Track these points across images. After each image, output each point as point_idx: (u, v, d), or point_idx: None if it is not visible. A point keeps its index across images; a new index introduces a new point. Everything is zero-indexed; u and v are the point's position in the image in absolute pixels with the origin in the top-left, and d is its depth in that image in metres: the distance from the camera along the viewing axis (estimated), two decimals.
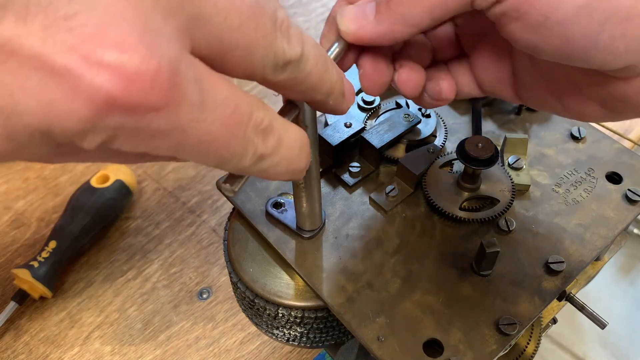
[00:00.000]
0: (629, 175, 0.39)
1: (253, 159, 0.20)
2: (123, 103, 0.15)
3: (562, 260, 0.34)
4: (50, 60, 0.15)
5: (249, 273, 0.35)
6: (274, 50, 0.20)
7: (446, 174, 0.37)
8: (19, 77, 0.15)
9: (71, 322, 0.51)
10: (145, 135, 0.17)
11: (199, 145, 0.18)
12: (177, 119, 0.17)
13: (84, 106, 0.15)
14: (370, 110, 0.42)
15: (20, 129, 0.16)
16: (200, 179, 0.61)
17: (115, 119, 0.16)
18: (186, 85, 0.17)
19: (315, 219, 0.35)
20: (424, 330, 0.32)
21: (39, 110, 0.15)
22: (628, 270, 1.29)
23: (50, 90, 0.15)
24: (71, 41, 0.15)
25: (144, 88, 0.15)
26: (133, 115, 0.16)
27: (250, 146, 0.20)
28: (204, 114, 0.17)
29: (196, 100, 0.17)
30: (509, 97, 0.32)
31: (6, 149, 0.16)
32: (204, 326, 0.50)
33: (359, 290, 0.33)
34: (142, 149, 0.18)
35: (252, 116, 0.19)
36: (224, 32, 0.18)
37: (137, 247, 0.56)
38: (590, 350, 1.18)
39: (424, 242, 0.36)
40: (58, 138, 0.16)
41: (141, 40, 0.15)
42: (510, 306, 0.33)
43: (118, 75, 0.15)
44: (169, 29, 0.16)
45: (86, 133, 0.16)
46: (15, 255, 0.55)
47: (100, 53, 0.15)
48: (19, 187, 0.60)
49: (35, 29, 0.15)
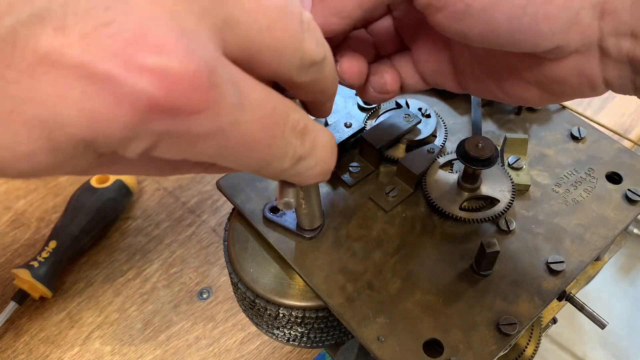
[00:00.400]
0: (629, 175, 0.39)
1: (292, 161, 0.20)
2: (166, 106, 0.15)
3: (562, 260, 0.34)
4: (92, 68, 0.15)
5: (249, 273, 0.35)
6: (301, 51, 0.20)
7: (446, 174, 0.37)
8: (61, 88, 0.15)
9: (71, 322, 0.51)
10: (188, 140, 0.17)
11: (240, 147, 0.18)
12: (218, 121, 0.17)
13: (128, 112, 0.15)
14: (370, 110, 0.42)
15: (64, 141, 0.15)
16: (200, 179, 0.61)
17: (158, 124, 0.16)
18: (224, 87, 0.17)
19: (315, 219, 0.35)
20: (424, 330, 0.32)
21: (83, 119, 0.15)
22: (628, 270, 1.29)
23: (93, 98, 0.15)
24: (112, 48, 0.15)
25: (185, 90, 0.15)
26: (176, 119, 0.16)
27: (289, 148, 0.20)
28: (243, 115, 0.17)
29: (235, 101, 0.17)
30: (451, 87, 0.32)
31: (50, 162, 0.16)
32: (204, 326, 0.50)
33: (359, 290, 0.33)
34: (184, 155, 0.18)
35: (288, 117, 0.20)
36: (254, 33, 0.18)
37: (137, 247, 0.56)
38: (590, 350, 1.18)
39: (424, 242, 0.36)
40: (102, 147, 0.16)
41: (179, 43, 0.15)
42: (510, 306, 0.33)
43: (160, 79, 0.15)
44: (203, 32, 0.16)
45: (130, 140, 0.16)
46: (15, 255, 0.55)
47: (141, 57, 0.15)
48: (19, 187, 0.60)
49: (75, 38, 0.15)
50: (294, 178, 0.22)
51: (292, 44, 0.19)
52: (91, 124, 0.15)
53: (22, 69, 0.15)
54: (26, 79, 0.15)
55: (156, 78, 0.15)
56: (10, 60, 0.15)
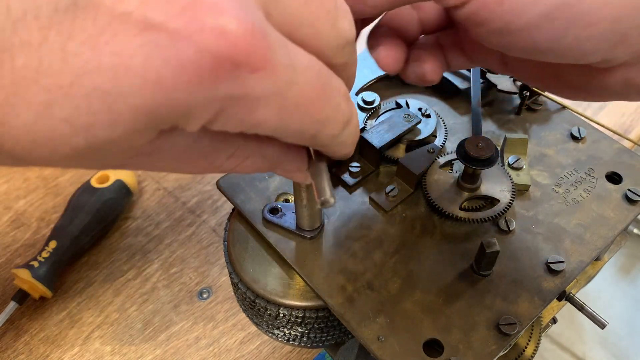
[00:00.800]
0: (629, 175, 0.39)
1: (342, 125, 0.21)
2: (227, 65, 0.16)
3: (562, 260, 0.34)
4: (156, 28, 0.15)
5: (249, 273, 0.35)
6: (337, 29, 0.20)
7: (446, 174, 0.37)
8: (124, 57, 0.15)
9: (71, 322, 0.51)
10: (249, 105, 0.17)
11: (297, 110, 0.18)
12: (275, 81, 0.17)
13: (192, 75, 0.15)
14: (370, 110, 0.42)
15: (125, 112, 0.15)
16: (200, 178, 0.61)
17: (221, 87, 0.16)
18: (277, 47, 0.17)
19: (315, 219, 0.35)
20: (424, 330, 0.32)
21: (146, 88, 0.15)
22: (628, 270, 1.29)
23: (156, 64, 0.15)
24: (172, 10, 0.15)
25: (245, 48, 0.16)
26: (237, 79, 0.16)
27: (339, 110, 0.20)
28: (296, 76, 0.18)
29: (287, 62, 0.17)
30: (498, 69, 0.32)
31: (107, 137, 0.16)
32: (204, 326, 0.50)
33: (359, 290, 0.33)
34: (245, 125, 0.18)
35: (332, 80, 0.20)
36: (293, 7, 0.18)
37: (137, 247, 0.56)
38: (590, 350, 1.18)
39: (424, 242, 0.36)
40: (164, 120, 0.16)
41: (234, 5, 0.16)
42: (510, 306, 0.33)
43: (220, 38, 0.15)
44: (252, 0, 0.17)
45: (193, 109, 0.16)
46: (15, 255, 0.55)
47: (201, 17, 0.15)
48: (19, 187, 0.60)
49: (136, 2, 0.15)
50: (337, 147, 0.22)
51: (328, 21, 0.20)
52: (155, 92, 0.15)
53: (84, 40, 0.15)
54: (87, 50, 0.15)
55: (217, 37, 0.15)
56: (70, 31, 0.15)
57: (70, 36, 0.15)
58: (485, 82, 0.44)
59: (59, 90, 0.15)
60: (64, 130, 0.15)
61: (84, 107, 0.15)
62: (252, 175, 0.39)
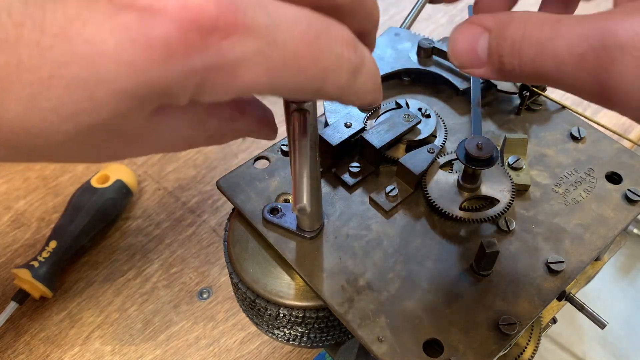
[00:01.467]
0: (628, 175, 0.39)
1: (349, 74, 0.20)
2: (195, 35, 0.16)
3: (562, 260, 0.34)
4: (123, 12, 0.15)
5: (249, 274, 0.35)
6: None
7: (446, 174, 0.37)
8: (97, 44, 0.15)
9: (71, 322, 0.51)
10: (231, 69, 0.17)
11: (287, 67, 0.18)
12: (254, 43, 0.17)
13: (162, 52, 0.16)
14: (370, 110, 0.42)
15: (106, 97, 0.16)
16: (200, 179, 0.61)
17: (195, 59, 0.16)
18: (250, 8, 0.17)
19: (315, 219, 0.35)
20: (424, 330, 0.32)
21: (121, 71, 0.15)
22: (628, 270, 1.29)
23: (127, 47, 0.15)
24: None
25: (210, 15, 0.16)
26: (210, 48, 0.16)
27: (342, 60, 0.20)
28: (280, 34, 0.17)
29: (266, 21, 0.17)
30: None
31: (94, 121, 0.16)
32: (204, 326, 0.50)
33: (359, 290, 0.33)
34: (235, 90, 0.18)
35: (330, 29, 0.19)
36: None
37: (137, 247, 0.56)
38: (590, 350, 1.18)
39: (424, 242, 0.36)
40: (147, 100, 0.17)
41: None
42: (510, 306, 0.33)
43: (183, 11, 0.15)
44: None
45: (173, 86, 0.16)
46: (15, 255, 0.55)
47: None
48: (19, 187, 0.60)
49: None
50: (353, 97, 0.22)
51: None
52: (130, 75, 0.16)
53: (56, 32, 0.15)
54: (61, 42, 0.15)
55: (179, 10, 0.15)
56: (42, 25, 0.15)
57: (43, 30, 0.15)
58: (485, 82, 0.44)
59: (41, 83, 0.15)
60: (53, 119, 0.16)
61: (66, 97, 0.16)
62: (252, 176, 0.39)
